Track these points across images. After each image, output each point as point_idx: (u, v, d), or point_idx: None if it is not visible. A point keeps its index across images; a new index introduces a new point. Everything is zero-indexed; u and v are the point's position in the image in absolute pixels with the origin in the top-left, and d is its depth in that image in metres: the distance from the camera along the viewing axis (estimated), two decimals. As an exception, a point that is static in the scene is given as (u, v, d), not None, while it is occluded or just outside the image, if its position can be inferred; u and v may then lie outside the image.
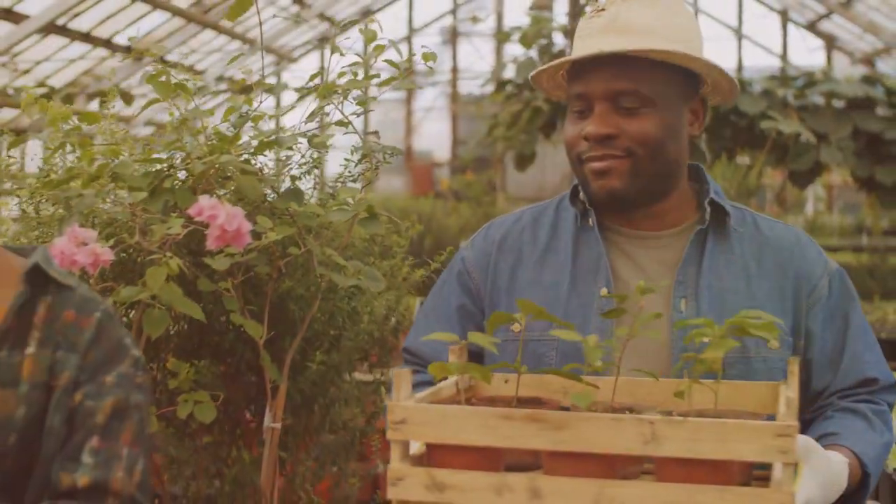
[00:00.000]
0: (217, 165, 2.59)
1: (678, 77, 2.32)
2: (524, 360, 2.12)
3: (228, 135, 2.73)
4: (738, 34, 16.03)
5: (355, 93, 2.83)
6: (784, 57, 15.72)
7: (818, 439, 2.10)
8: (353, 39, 2.91)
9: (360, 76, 2.81)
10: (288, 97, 13.00)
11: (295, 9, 14.43)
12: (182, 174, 2.73)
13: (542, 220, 2.50)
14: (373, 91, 2.86)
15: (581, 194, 2.42)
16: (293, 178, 2.84)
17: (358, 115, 2.83)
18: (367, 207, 2.71)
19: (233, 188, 2.74)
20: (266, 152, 2.82)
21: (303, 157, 2.91)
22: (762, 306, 2.25)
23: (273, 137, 2.73)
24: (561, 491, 1.68)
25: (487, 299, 2.49)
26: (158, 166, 2.76)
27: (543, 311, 1.83)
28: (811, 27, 15.91)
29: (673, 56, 2.27)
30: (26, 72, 11.29)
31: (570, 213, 2.46)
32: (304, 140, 2.84)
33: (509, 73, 8.99)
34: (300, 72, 16.62)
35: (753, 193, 9.43)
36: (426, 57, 2.85)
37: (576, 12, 8.40)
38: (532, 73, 2.47)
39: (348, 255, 2.82)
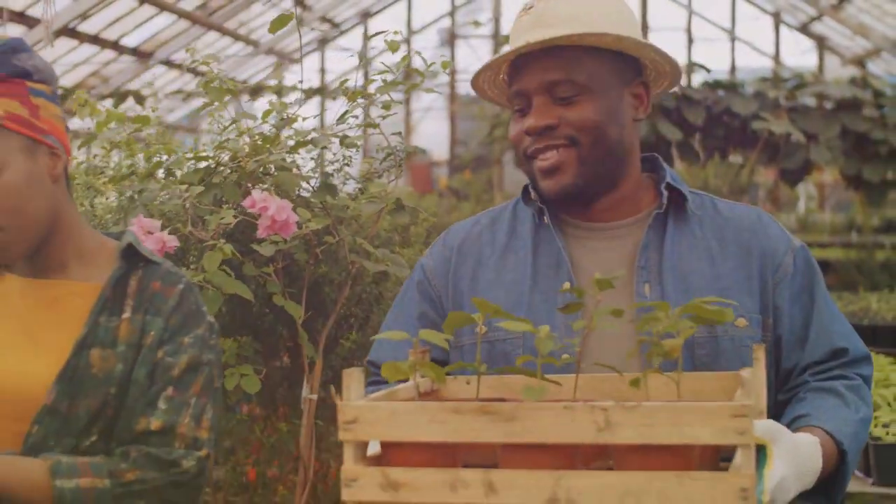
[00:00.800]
0: (265, 163, 2.90)
1: (613, 62, 2.28)
2: (493, 361, 2.22)
3: (269, 135, 3.04)
4: (732, 36, 16.09)
5: (375, 96, 3.15)
6: (777, 58, 15.84)
7: (791, 422, 2.12)
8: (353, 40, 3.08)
9: (370, 79, 3.10)
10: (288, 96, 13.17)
11: (297, 11, 14.64)
12: (226, 170, 3.05)
13: (499, 222, 2.43)
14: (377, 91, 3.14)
15: (533, 193, 2.36)
16: (326, 175, 3.14)
17: (384, 118, 3.12)
18: (395, 200, 3.03)
19: (272, 183, 3.04)
20: (301, 151, 3.13)
21: (334, 155, 3.22)
22: (728, 287, 2.26)
23: (310, 137, 3.04)
24: (516, 484, 1.63)
25: (450, 304, 2.39)
26: (205, 164, 3.08)
27: (499, 308, 1.77)
28: (803, 29, 16.04)
29: (602, 39, 2.24)
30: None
31: (527, 213, 2.40)
32: (335, 140, 3.16)
33: None
34: (301, 73, 16.86)
35: (745, 191, 9.69)
36: (444, 65, 3.14)
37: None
38: (471, 82, 2.44)
39: (376, 244, 3.12)
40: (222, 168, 3.01)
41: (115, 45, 12.77)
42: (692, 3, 16.05)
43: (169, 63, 14.12)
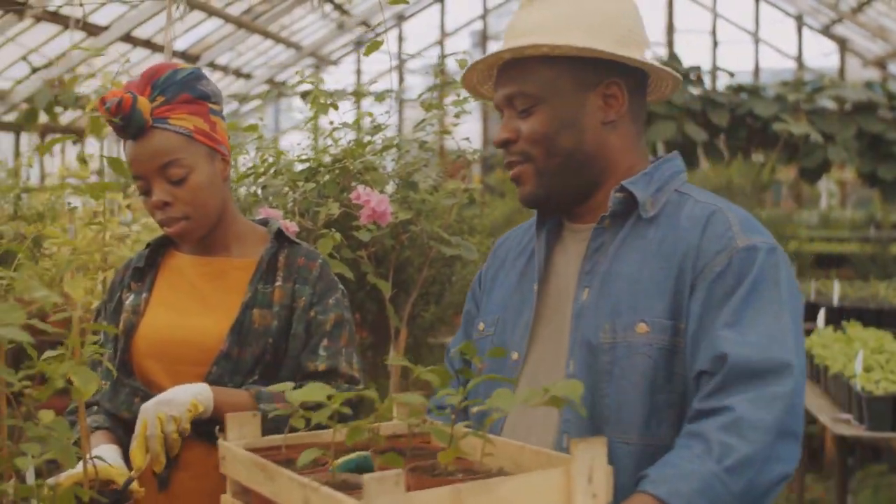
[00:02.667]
0: (362, 164, 3.50)
1: (574, 68, 2.23)
2: (490, 356, 2.14)
3: (362, 141, 3.64)
4: (755, 38, 16.26)
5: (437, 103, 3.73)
6: (799, 60, 16.00)
7: (638, 481, 1.99)
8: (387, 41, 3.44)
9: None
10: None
11: (336, 15, 15.10)
12: (326, 170, 3.66)
13: (531, 226, 2.47)
14: (411, 93, 3.72)
15: None
16: (409, 174, 3.73)
17: (456, 124, 3.72)
18: (469, 196, 3.62)
19: (362, 181, 3.63)
20: (386, 153, 3.72)
21: (414, 157, 3.81)
22: (641, 291, 2.19)
23: (397, 141, 3.64)
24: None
25: (482, 303, 2.53)
26: (304, 165, 3.69)
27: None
28: (825, 31, 16.25)
29: (539, 49, 2.21)
30: (91, 76, 11.89)
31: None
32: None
33: None
34: (339, 74, 17.36)
35: (767, 188, 10.15)
36: (461, 63, 3.59)
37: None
38: (463, 84, 2.46)
39: (450, 232, 3.72)
40: (323, 168, 3.61)
41: (163, 49, 13.31)
42: (717, 6, 16.24)
43: (214, 65, 14.64)
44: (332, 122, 3.74)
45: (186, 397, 2.50)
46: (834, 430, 4.46)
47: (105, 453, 2.48)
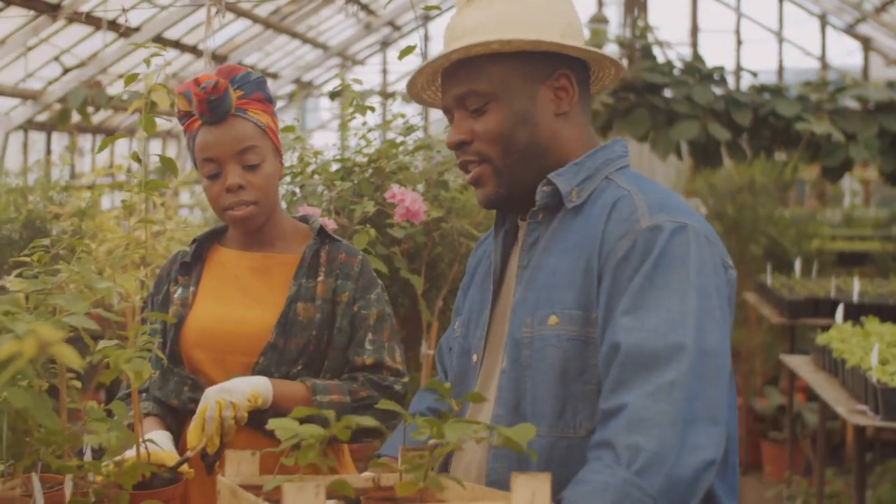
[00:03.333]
0: (396, 164, 3.64)
1: (523, 63, 2.22)
2: (459, 357, 2.39)
3: (396, 141, 3.78)
4: (779, 37, 16.29)
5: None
6: (823, 59, 16.04)
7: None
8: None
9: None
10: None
11: (363, 15, 15.23)
12: (361, 169, 3.80)
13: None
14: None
15: None
16: (439, 172, 3.88)
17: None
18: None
19: (396, 180, 3.78)
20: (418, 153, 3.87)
21: (444, 156, 3.95)
22: (558, 281, 2.17)
23: (428, 142, 3.78)
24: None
25: (461, 302, 2.55)
26: (339, 165, 3.83)
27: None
28: (849, 30, 16.30)
29: (489, 47, 2.20)
30: (122, 76, 12.02)
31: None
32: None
33: None
34: (364, 73, 17.49)
35: (789, 186, 10.24)
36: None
37: (631, 24, 9.28)
38: (408, 91, 2.43)
39: (480, 229, 3.86)
40: (357, 168, 3.76)
41: (193, 50, 13.47)
42: (741, 6, 16.29)
43: (241, 66, 14.74)
44: (364, 123, 3.88)
45: (247, 388, 2.68)
46: (850, 420, 4.59)
47: (157, 438, 2.64)
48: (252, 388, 2.69)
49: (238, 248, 2.98)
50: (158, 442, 2.62)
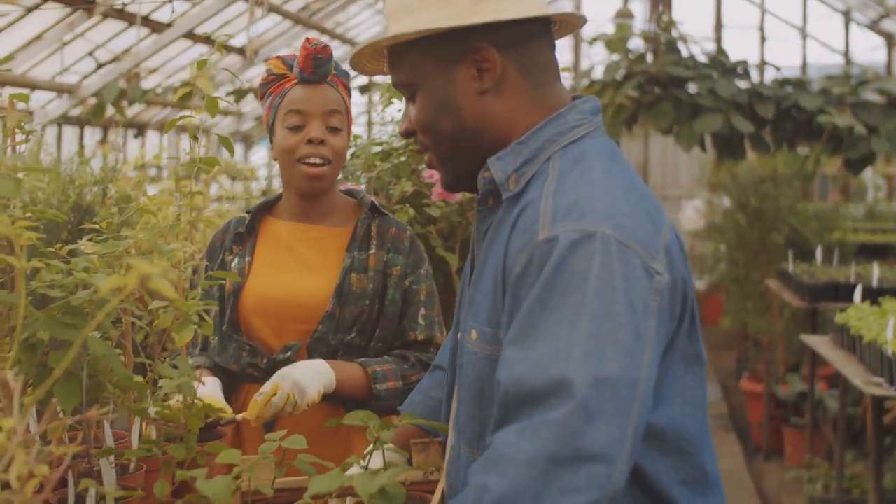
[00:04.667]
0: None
1: (436, 43, 2.03)
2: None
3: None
4: (803, 33, 16.33)
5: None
6: (846, 55, 16.10)
7: None
8: None
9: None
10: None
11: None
12: (397, 152, 3.98)
13: None
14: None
15: None
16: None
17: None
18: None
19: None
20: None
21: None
22: (483, 290, 2.01)
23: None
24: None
25: None
26: (380, 148, 4.01)
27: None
28: (873, 26, 16.35)
29: (397, 39, 2.04)
30: (154, 71, 12.21)
31: None
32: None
33: (596, 73, 9.83)
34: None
35: (811, 178, 10.36)
36: None
37: (657, 20, 9.41)
38: (351, 64, 2.24)
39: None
40: (394, 151, 3.94)
41: (223, 46, 13.60)
42: (765, 2, 16.36)
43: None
44: (400, 111, 4.06)
45: (317, 387, 2.79)
46: (867, 391, 4.76)
47: (208, 383, 2.83)
48: (321, 387, 2.81)
49: (291, 219, 3.14)
50: (210, 387, 2.82)
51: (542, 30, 2.07)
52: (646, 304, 1.80)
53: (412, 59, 2.05)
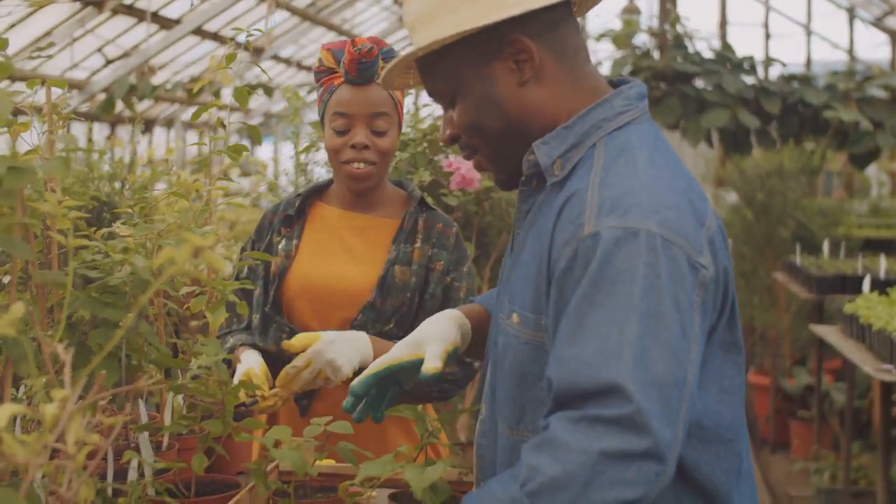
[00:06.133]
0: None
1: (470, 44, 2.00)
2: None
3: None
4: (807, 30, 16.32)
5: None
6: (851, 52, 16.09)
7: None
8: None
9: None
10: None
11: (395, 8, 15.42)
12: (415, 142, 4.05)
13: None
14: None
15: None
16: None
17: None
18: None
19: (449, 152, 4.03)
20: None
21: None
22: (525, 274, 2.01)
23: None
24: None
25: None
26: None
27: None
28: (877, 23, 16.37)
29: (431, 47, 2.01)
30: (162, 67, 12.25)
31: None
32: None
33: (603, 69, 9.90)
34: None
35: (817, 173, 10.40)
36: None
37: (664, 16, 9.47)
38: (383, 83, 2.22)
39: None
40: (412, 142, 4.00)
41: (230, 41, 13.62)
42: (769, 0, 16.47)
43: (277, 58, 14.99)
44: (415, 104, 4.13)
45: (353, 364, 2.74)
46: (876, 377, 4.84)
47: (249, 357, 2.88)
48: (357, 363, 2.74)
49: (340, 206, 3.17)
50: (252, 360, 2.86)
51: (567, 11, 2.05)
52: (691, 301, 1.81)
53: (446, 64, 2.03)
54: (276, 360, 3.01)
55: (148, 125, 13.84)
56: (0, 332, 1.44)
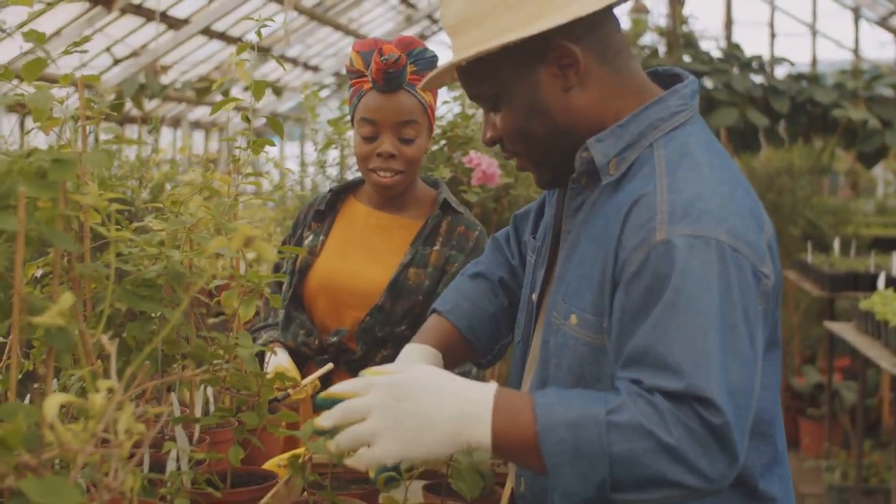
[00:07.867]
0: (469, 132, 3.91)
1: (515, 50, 1.96)
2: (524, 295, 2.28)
3: (466, 113, 4.05)
4: (813, 30, 16.30)
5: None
6: (856, 51, 16.09)
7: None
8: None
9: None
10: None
11: (402, 8, 15.46)
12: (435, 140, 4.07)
13: None
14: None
15: None
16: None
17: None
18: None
19: (468, 148, 4.05)
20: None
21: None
22: (582, 273, 1.97)
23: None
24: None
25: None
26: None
27: None
28: (882, 22, 16.38)
29: (477, 55, 1.96)
30: (170, 67, 12.28)
31: None
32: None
33: None
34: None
35: (826, 171, 10.42)
36: None
37: (674, 15, 9.48)
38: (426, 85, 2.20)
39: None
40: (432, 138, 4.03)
41: (237, 41, 13.64)
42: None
43: (283, 58, 15.01)
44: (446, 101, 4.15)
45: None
46: (893, 372, 4.86)
47: (279, 351, 2.92)
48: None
49: (369, 204, 3.16)
50: (282, 359, 2.88)
51: (608, 11, 2.01)
52: (755, 311, 1.83)
53: (489, 70, 1.99)
54: (297, 356, 3.04)
55: (154, 125, 13.83)
56: (50, 323, 1.45)
